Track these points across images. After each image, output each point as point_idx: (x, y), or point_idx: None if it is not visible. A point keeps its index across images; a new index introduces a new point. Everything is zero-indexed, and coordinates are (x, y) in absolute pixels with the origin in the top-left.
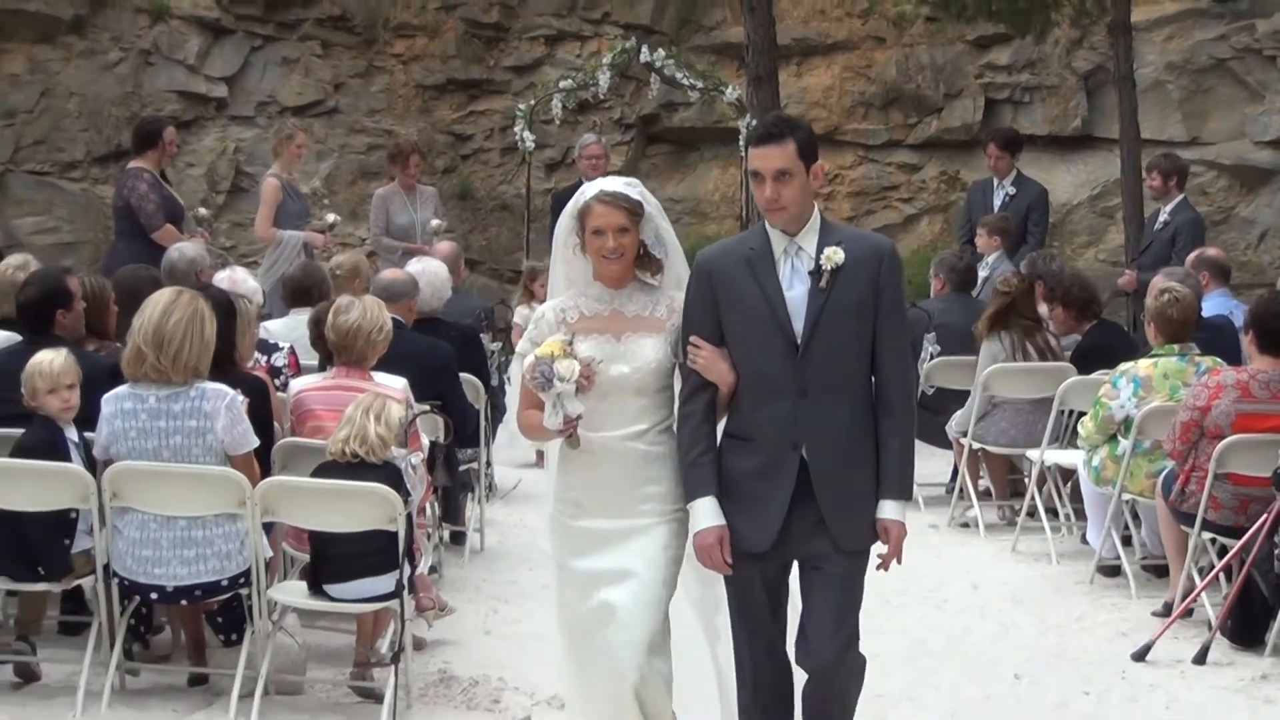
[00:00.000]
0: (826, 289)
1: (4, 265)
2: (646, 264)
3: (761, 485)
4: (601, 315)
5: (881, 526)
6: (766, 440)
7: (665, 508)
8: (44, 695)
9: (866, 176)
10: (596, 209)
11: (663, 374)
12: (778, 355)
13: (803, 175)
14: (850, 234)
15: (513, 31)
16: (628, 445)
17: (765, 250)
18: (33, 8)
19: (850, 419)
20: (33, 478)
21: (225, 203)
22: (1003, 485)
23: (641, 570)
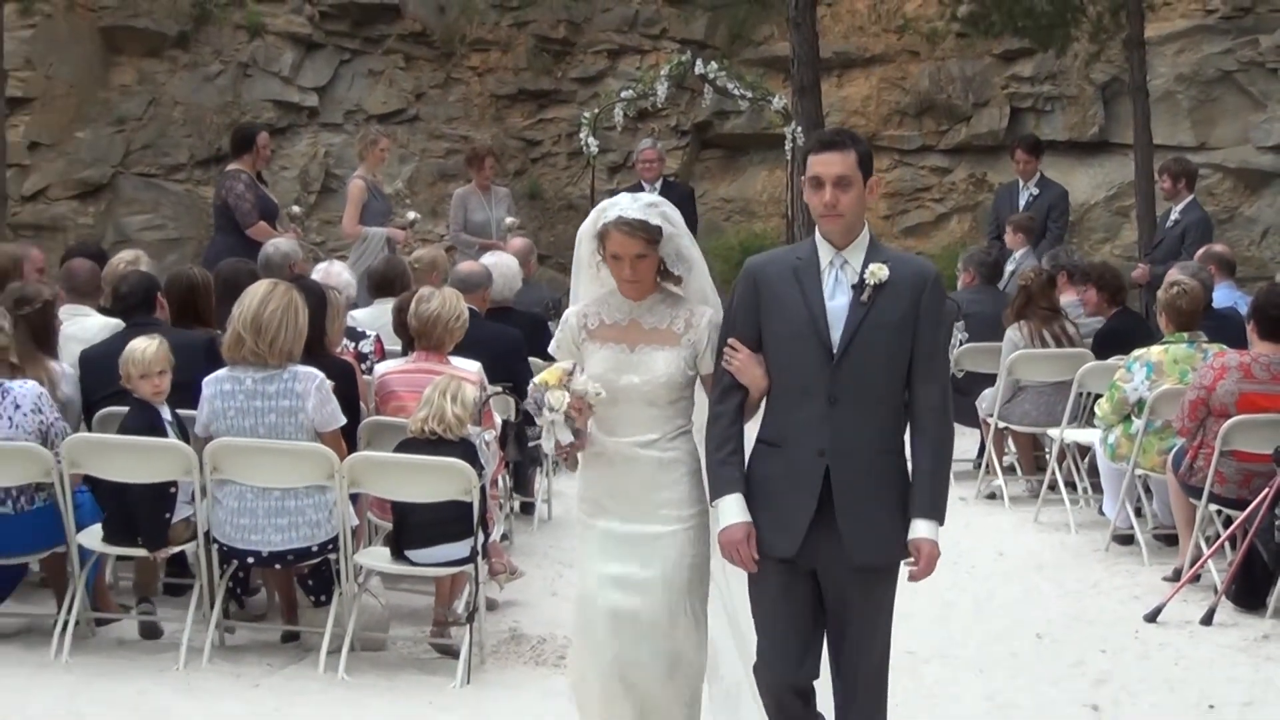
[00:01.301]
0: (868, 303)
1: (116, 259)
2: (668, 276)
3: (787, 490)
4: (620, 324)
5: (914, 545)
6: (794, 445)
7: (682, 513)
8: (151, 650)
9: (901, 179)
10: (615, 236)
11: (673, 387)
12: (813, 362)
13: (860, 186)
14: (897, 256)
15: (579, 46)
16: (640, 452)
17: (812, 261)
18: (142, 24)
19: (877, 433)
20: (140, 453)
21: (316, 202)
22: (1026, 461)
23: (659, 582)
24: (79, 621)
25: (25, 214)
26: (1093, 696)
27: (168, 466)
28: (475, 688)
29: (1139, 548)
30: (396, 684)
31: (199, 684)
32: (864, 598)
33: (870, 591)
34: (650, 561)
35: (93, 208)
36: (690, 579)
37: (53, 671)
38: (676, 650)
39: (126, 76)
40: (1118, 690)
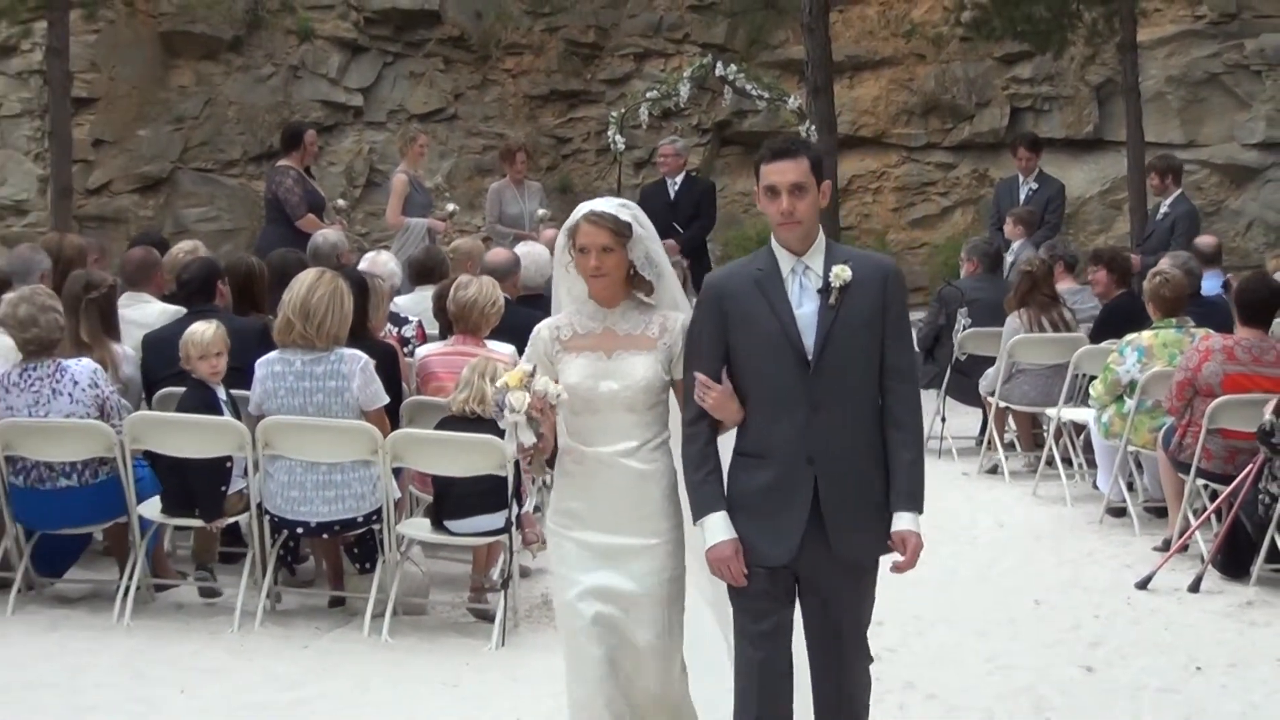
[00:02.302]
0: (836, 306)
1: (176, 249)
2: (639, 284)
3: (776, 499)
4: (594, 333)
5: (899, 537)
6: (780, 456)
7: (660, 526)
8: (207, 614)
9: (909, 174)
10: (584, 228)
11: (652, 391)
12: (789, 372)
13: (814, 191)
14: (855, 254)
15: (606, 50)
16: (620, 461)
17: (773, 270)
18: (199, 29)
19: (860, 432)
20: (197, 430)
21: (361, 195)
22: (1026, 438)
23: (639, 596)
24: (139, 587)
25: (90, 206)
26: (1087, 658)
27: (223, 442)
28: (509, 649)
29: (1131, 519)
30: (436, 646)
31: (251, 645)
32: (852, 593)
33: (857, 586)
34: (632, 575)
35: (153, 201)
36: (671, 593)
37: (115, 634)
38: (662, 662)
39: (184, 78)
40: (1110, 653)
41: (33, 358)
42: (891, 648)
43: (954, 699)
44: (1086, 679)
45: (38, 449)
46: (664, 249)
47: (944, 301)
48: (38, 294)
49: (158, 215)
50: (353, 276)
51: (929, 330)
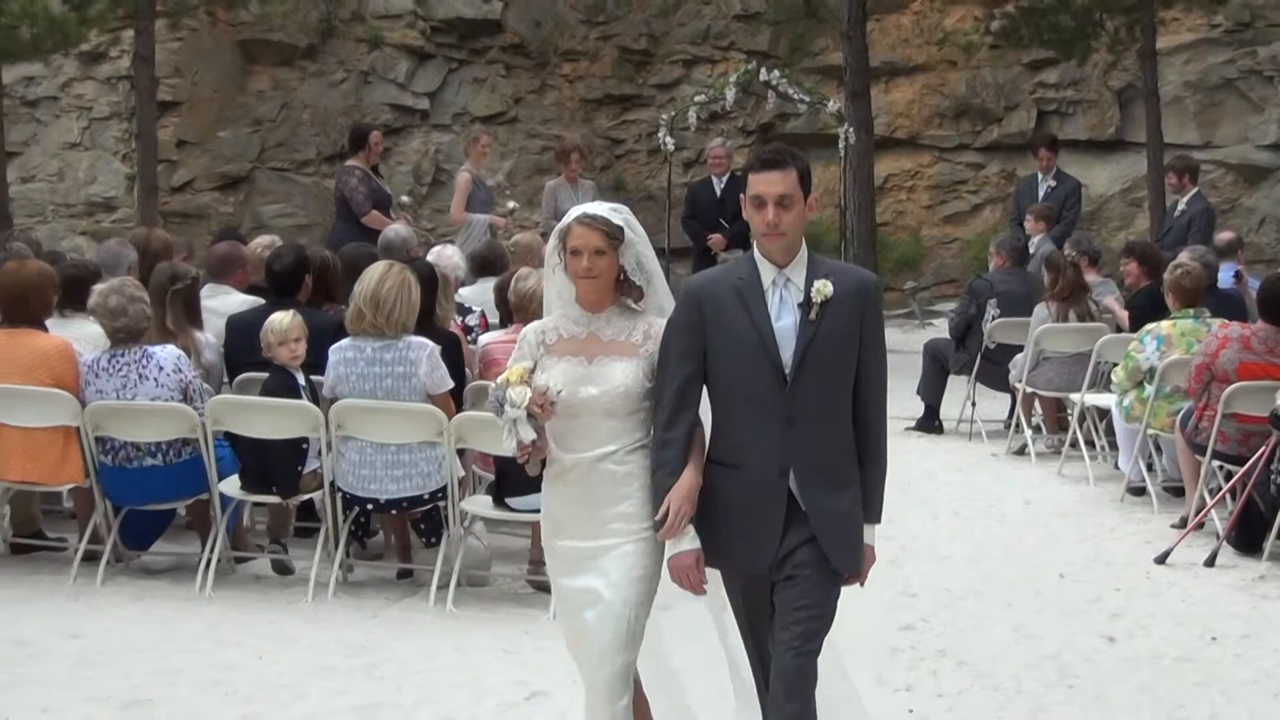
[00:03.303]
0: (816, 321)
1: (255, 244)
2: (628, 290)
3: (752, 511)
4: (578, 338)
5: None
6: (754, 467)
7: (634, 526)
8: (283, 585)
9: (941, 173)
10: (576, 230)
11: (632, 398)
12: (766, 384)
13: (801, 204)
14: (836, 267)
15: (657, 56)
16: (598, 466)
17: (754, 281)
18: (275, 38)
19: (835, 446)
20: (276, 412)
21: (427, 193)
22: (1051, 421)
23: (607, 594)
24: (220, 559)
25: (174, 204)
26: (1109, 629)
27: (299, 424)
28: None
29: (1150, 498)
30: (497, 615)
31: (325, 615)
32: (827, 597)
33: (832, 593)
34: (604, 571)
35: (232, 198)
36: (638, 591)
37: (197, 603)
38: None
39: (262, 83)
40: (1131, 624)
41: (121, 345)
42: (925, 618)
43: (983, 666)
44: (1108, 648)
45: (125, 430)
46: (713, 242)
47: (974, 293)
48: (126, 285)
49: (237, 211)
50: (423, 269)
51: (960, 320)
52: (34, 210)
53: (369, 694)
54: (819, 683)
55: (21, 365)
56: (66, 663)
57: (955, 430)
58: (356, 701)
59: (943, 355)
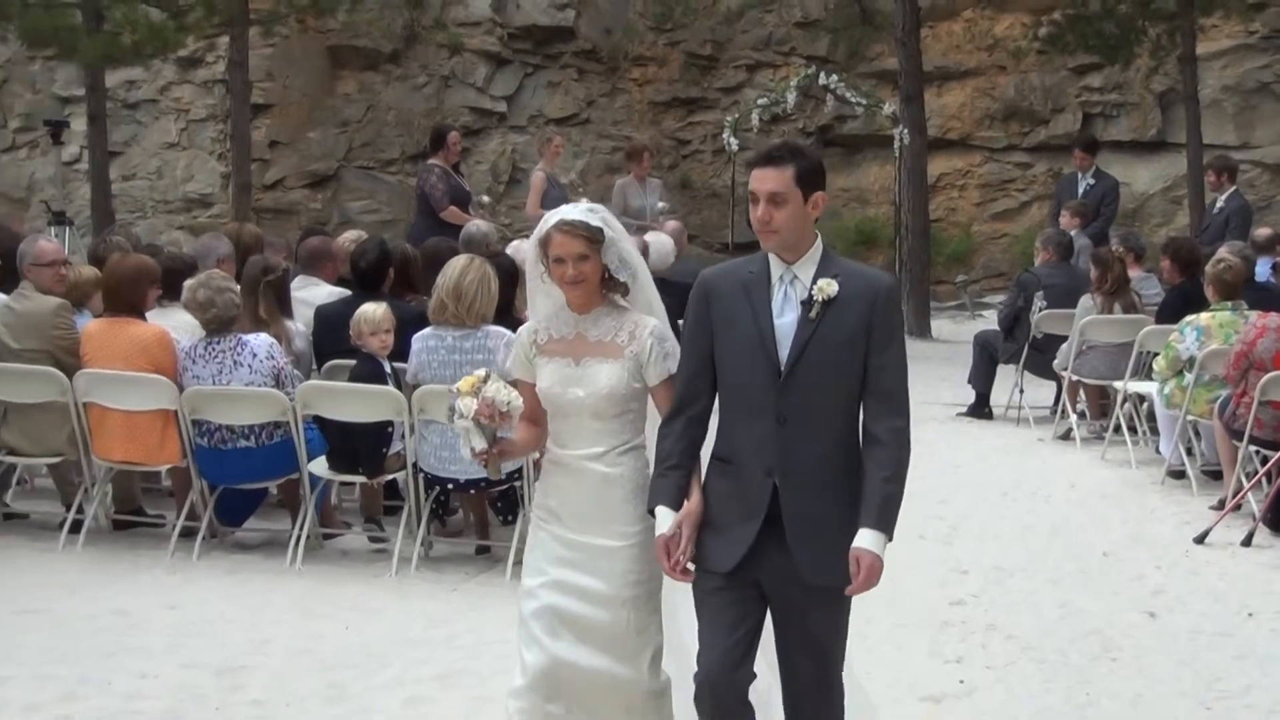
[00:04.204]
0: (816, 320)
1: (343, 238)
2: (614, 286)
3: (735, 508)
4: (567, 339)
5: (854, 555)
6: (743, 464)
7: (628, 529)
8: (369, 560)
9: (990, 172)
10: (556, 238)
11: (617, 399)
12: (761, 380)
13: (798, 202)
14: (850, 269)
15: (722, 61)
16: (587, 465)
17: (763, 275)
18: (362, 43)
19: (828, 451)
20: (363, 397)
21: (504, 191)
22: (1095, 408)
23: (603, 597)
24: (309, 536)
25: (266, 200)
26: (1150, 605)
27: (384, 408)
28: None
29: (1189, 481)
30: None
31: (407, 588)
32: (820, 614)
33: (826, 608)
34: (595, 574)
35: (321, 195)
36: (637, 595)
37: (288, 577)
38: (613, 665)
39: (349, 86)
40: (1171, 600)
41: (215, 333)
42: (975, 594)
43: (1030, 640)
44: (1149, 623)
45: (220, 413)
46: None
47: (1022, 286)
48: (213, 278)
49: (325, 208)
50: (504, 263)
51: (1009, 312)
52: (135, 206)
53: (448, 662)
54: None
55: (123, 353)
56: (165, 632)
57: (1004, 416)
58: (436, 670)
59: (992, 345)
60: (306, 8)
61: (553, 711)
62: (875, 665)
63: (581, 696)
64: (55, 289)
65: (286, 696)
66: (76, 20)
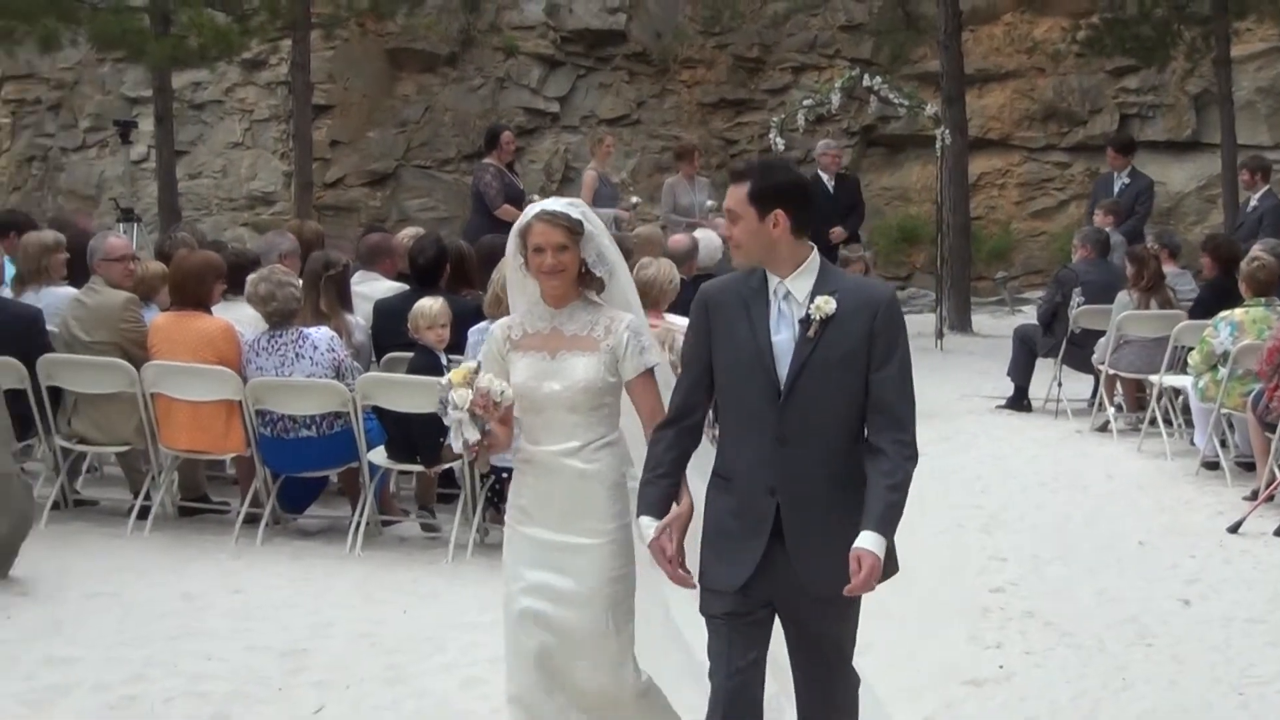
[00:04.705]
0: (815, 339)
1: (402, 235)
2: (590, 282)
3: (737, 527)
4: (542, 333)
5: (855, 555)
6: (744, 482)
7: (602, 526)
8: (426, 546)
9: (1030, 172)
10: (537, 227)
11: (593, 393)
12: (761, 399)
13: (752, 219)
14: (849, 283)
15: (768, 64)
16: (563, 461)
17: (762, 289)
18: (420, 46)
19: (830, 469)
20: (420, 389)
21: (557, 189)
22: (1131, 401)
23: (581, 598)
24: (368, 522)
25: (327, 198)
26: (1184, 593)
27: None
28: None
29: (1223, 472)
30: None
31: (463, 573)
32: (830, 624)
33: (835, 618)
34: (570, 572)
35: (380, 193)
36: (613, 593)
37: (348, 562)
38: (605, 660)
39: (407, 88)
40: (1205, 588)
41: (277, 326)
42: (1013, 581)
43: (1068, 626)
44: (1184, 610)
45: (283, 404)
46: (834, 235)
47: (1060, 282)
48: (274, 272)
49: (384, 205)
50: None
51: (1047, 307)
52: (200, 204)
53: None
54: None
55: (189, 345)
56: (229, 615)
57: (1042, 409)
58: (491, 653)
59: (1031, 340)
60: (366, 11)
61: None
62: (917, 650)
63: (574, 694)
64: (124, 284)
65: (346, 678)
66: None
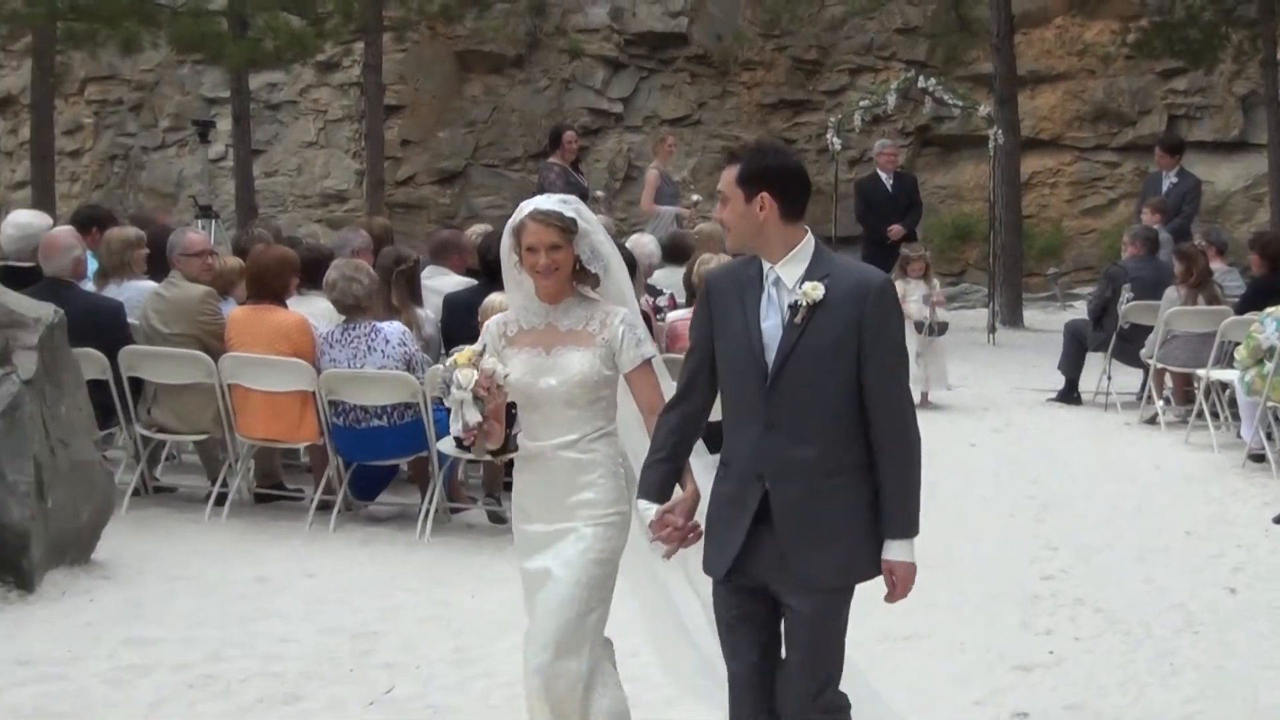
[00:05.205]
0: (801, 325)
1: (471, 232)
2: (584, 278)
3: (729, 512)
4: (537, 329)
5: (886, 567)
6: (736, 468)
7: (594, 513)
8: (493, 532)
9: (1081, 171)
10: (530, 226)
11: (589, 386)
12: (751, 385)
13: (739, 201)
14: (841, 268)
15: (826, 65)
16: (559, 454)
17: (758, 275)
18: (488, 49)
19: (820, 457)
20: None
21: (620, 187)
22: (1179, 394)
23: (557, 571)
24: (437, 510)
25: (398, 196)
26: (1230, 581)
27: None
28: None
29: (1269, 464)
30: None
31: None
32: (811, 614)
33: (817, 610)
34: (555, 553)
35: (449, 191)
36: (593, 574)
37: (417, 548)
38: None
39: (476, 89)
40: (1251, 576)
41: (350, 319)
42: (1064, 569)
43: (1117, 613)
44: (1230, 598)
45: (355, 395)
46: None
47: (1110, 279)
48: (348, 266)
49: (453, 203)
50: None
51: (1097, 303)
52: (276, 201)
53: None
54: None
55: (264, 338)
56: (303, 598)
57: (1092, 402)
58: None
59: (1082, 334)
60: (436, 15)
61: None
62: (968, 637)
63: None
64: (202, 278)
65: (416, 659)
66: (222, 27)
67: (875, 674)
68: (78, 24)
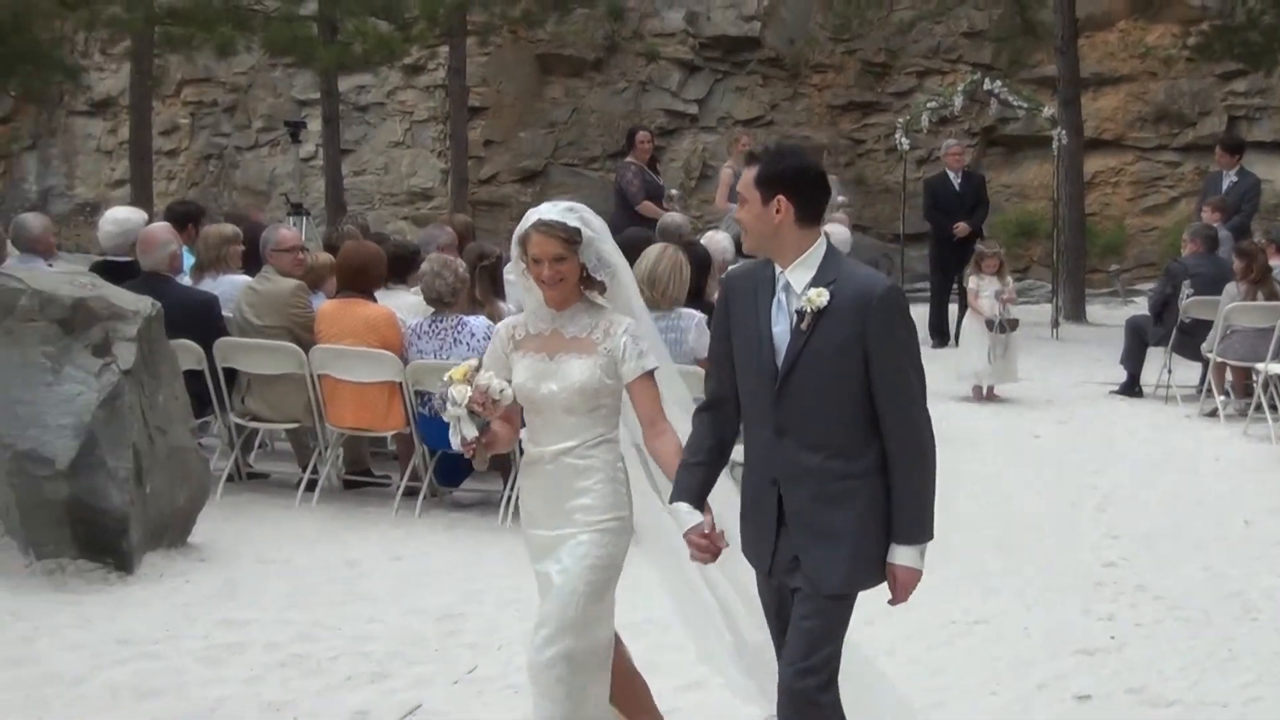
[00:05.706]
0: (807, 331)
1: None
2: (592, 284)
3: (754, 512)
4: (544, 334)
5: (890, 571)
6: (754, 470)
7: (591, 518)
8: None
9: (1142, 171)
10: (534, 237)
11: (589, 394)
12: (762, 389)
13: (756, 203)
14: (848, 274)
15: (894, 68)
16: (561, 459)
17: (771, 279)
18: (568, 52)
19: (829, 462)
20: None
21: (695, 186)
22: (1239, 387)
23: (557, 578)
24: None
25: (481, 194)
26: None
27: None
28: None
29: None
30: None
31: None
32: (811, 616)
33: (823, 613)
34: (559, 560)
35: (530, 189)
36: (591, 581)
37: (499, 533)
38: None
39: (556, 91)
40: None
41: (438, 312)
42: (1125, 557)
43: (1177, 600)
44: None
45: None
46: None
47: (1171, 275)
48: (438, 261)
49: (534, 201)
50: (698, 252)
51: (1158, 299)
52: (364, 199)
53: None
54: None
55: (354, 330)
56: (389, 581)
57: (1153, 395)
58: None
59: (1143, 329)
60: (518, 20)
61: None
62: (1032, 622)
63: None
64: (294, 272)
65: (497, 640)
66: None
67: (942, 657)
68: (175, 28)
